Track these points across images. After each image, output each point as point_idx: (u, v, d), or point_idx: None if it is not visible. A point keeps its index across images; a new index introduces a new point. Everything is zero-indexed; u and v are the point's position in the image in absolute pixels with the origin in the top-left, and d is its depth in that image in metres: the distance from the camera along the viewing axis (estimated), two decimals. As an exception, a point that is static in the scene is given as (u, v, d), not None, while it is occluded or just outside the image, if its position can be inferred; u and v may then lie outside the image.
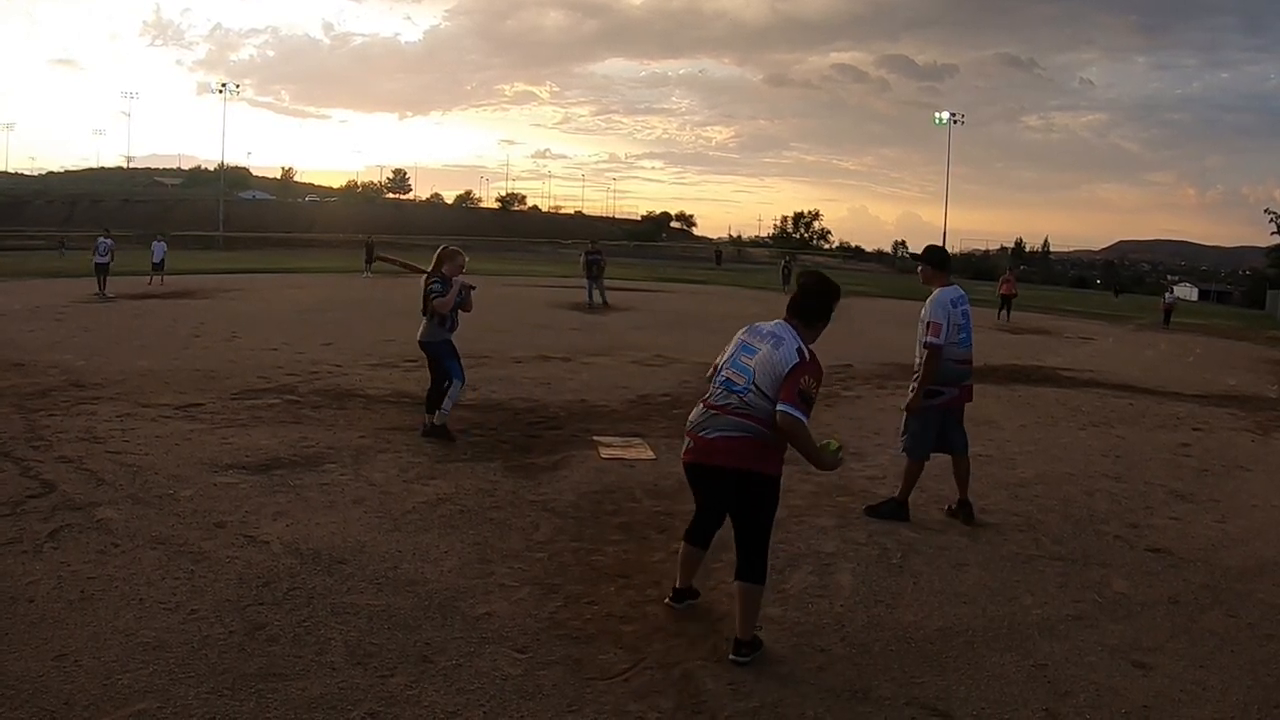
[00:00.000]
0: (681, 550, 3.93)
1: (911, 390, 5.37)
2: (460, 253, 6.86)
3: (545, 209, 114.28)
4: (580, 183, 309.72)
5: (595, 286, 20.31)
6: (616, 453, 6.65)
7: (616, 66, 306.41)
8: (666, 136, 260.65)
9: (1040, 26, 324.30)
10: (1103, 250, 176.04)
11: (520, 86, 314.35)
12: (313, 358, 10.64)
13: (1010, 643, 3.79)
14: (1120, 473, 6.95)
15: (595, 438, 7.08)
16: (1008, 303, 24.66)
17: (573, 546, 4.65)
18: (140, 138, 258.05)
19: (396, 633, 3.55)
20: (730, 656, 3.47)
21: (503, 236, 71.68)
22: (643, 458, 6.56)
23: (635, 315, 18.89)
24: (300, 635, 3.49)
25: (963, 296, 5.41)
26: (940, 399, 5.29)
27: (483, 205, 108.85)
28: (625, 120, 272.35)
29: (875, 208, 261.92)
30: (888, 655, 3.61)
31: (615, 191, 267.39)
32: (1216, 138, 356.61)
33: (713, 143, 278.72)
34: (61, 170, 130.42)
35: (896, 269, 79.25)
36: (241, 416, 7.24)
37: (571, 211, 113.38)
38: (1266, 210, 61.28)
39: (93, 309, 16.24)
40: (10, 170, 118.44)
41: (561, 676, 3.29)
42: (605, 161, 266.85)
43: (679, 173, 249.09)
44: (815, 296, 3.60)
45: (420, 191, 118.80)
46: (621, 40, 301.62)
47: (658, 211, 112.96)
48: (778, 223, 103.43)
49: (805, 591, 4.22)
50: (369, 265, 28.63)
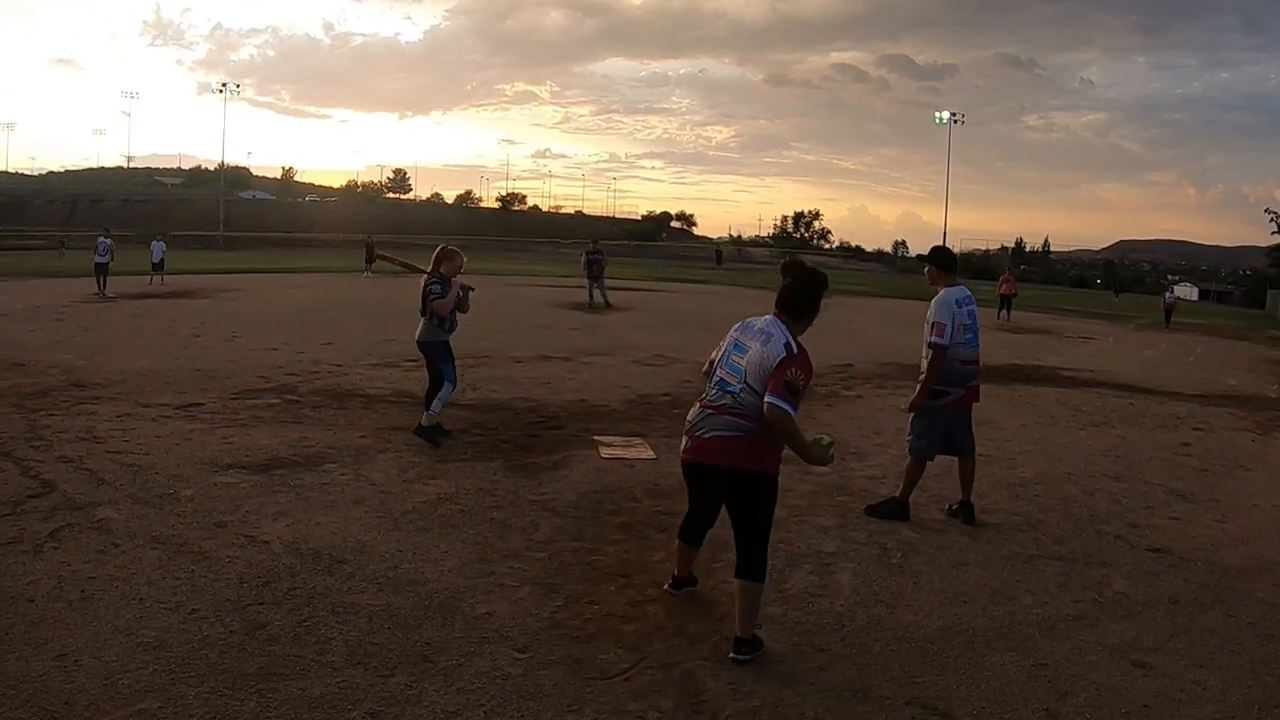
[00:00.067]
0: (676, 546, 4.04)
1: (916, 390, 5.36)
2: (458, 253, 6.79)
3: (545, 209, 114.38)
4: (580, 182, 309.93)
5: (596, 286, 20.29)
6: (617, 452, 6.65)
7: (617, 66, 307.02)
8: (667, 136, 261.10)
9: (1040, 26, 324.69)
10: (1103, 250, 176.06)
11: (520, 86, 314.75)
12: (313, 357, 10.64)
13: (1010, 642, 3.79)
14: (1120, 472, 6.95)
15: (596, 437, 7.08)
16: (1008, 302, 24.67)
17: (573, 546, 4.65)
18: (140, 138, 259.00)
19: (397, 632, 3.56)
20: (730, 655, 3.47)
21: (503, 236, 71.74)
22: (643, 457, 6.56)
23: (635, 315, 18.89)
24: (300, 635, 3.49)
25: (969, 297, 5.40)
26: (947, 399, 5.28)
27: (483, 205, 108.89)
28: (625, 120, 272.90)
29: (875, 207, 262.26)
30: (888, 655, 3.61)
31: (615, 191, 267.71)
32: (1217, 137, 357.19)
33: (713, 142, 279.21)
34: (62, 170, 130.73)
35: (897, 269, 79.30)
36: (242, 416, 7.24)
37: (572, 211, 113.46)
38: (1267, 210, 61.29)
39: (93, 309, 16.24)
40: (10, 170, 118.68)
41: (562, 676, 3.29)
42: (605, 161, 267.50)
43: (679, 172, 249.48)
44: (803, 290, 3.62)
45: (420, 191, 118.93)
46: (622, 40, 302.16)
47: (658, 211, 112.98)
48: (778, 222, 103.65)
49: (805, 591, 4.22)
50: (369, 265, 28.65)
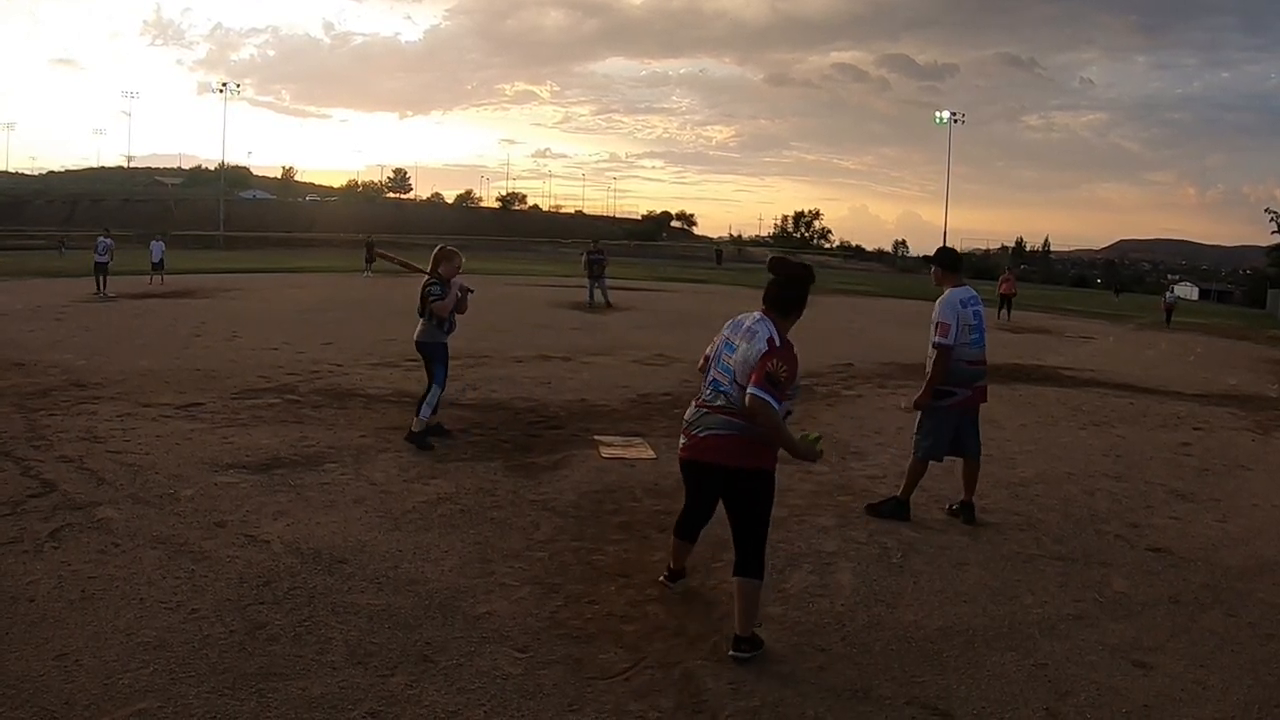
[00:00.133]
0: (671, 543, 4.06)
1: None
2: (457, 254, 6.73)
3: (546, 208, 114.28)
4: (581, 182, 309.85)
5: (597, 286, 20.28)
6: (617, 452, 6.65)
7: (617, 66, 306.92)
8: (667, 136, 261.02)
9: (1040, 26, 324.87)
10: (1103, 249, 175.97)
11: (520, 86, 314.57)
12: (313, 357, 10.64)
13: (1011, 642, 3.79)
14: (1121, 472, 6.95)
15: (596, 437, 7.08)
16: (1008, 302, 24.66)
17: (573, 546, 4.65)
18: (141, 137, 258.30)
19: (397, 632, 3.56)
20: (730, 653, 3.48)
21: (503, 236, 71.73)
22: (643, 457, 6.56)
23: (636, 314, 18.88)
24: (301, 634, 3.49)
25: (974, 297, 5.36)
26: (952, 400, 5.26)
27: (483, 205, 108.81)
28: (625, 120, 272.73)
29: (876, 207, 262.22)
30: (888, 654, 3.61)
31: (615, 191, 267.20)
32: (1217, 137, 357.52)
33: (713, 142, 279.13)
34: (62, 170, 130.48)
35: (897, 268, 79.26)
36: (242, 416, 7.24)
37: (572, 211, 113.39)
38: (1267, 210, 61.25)
39: (93, 308, 16.24)
40: (11, 170, 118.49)
41: (562, 676, 3.29)
42: (605, 161, 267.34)
43: (679, 172, 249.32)
44: (788, 287, 3.60)
45: (421, 191, 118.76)
46: (622, 40, 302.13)
47: (658, 211, 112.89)
48: (778, 222, 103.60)
49: (806, 591, 4.22)
50: (369, 265, 28.65)
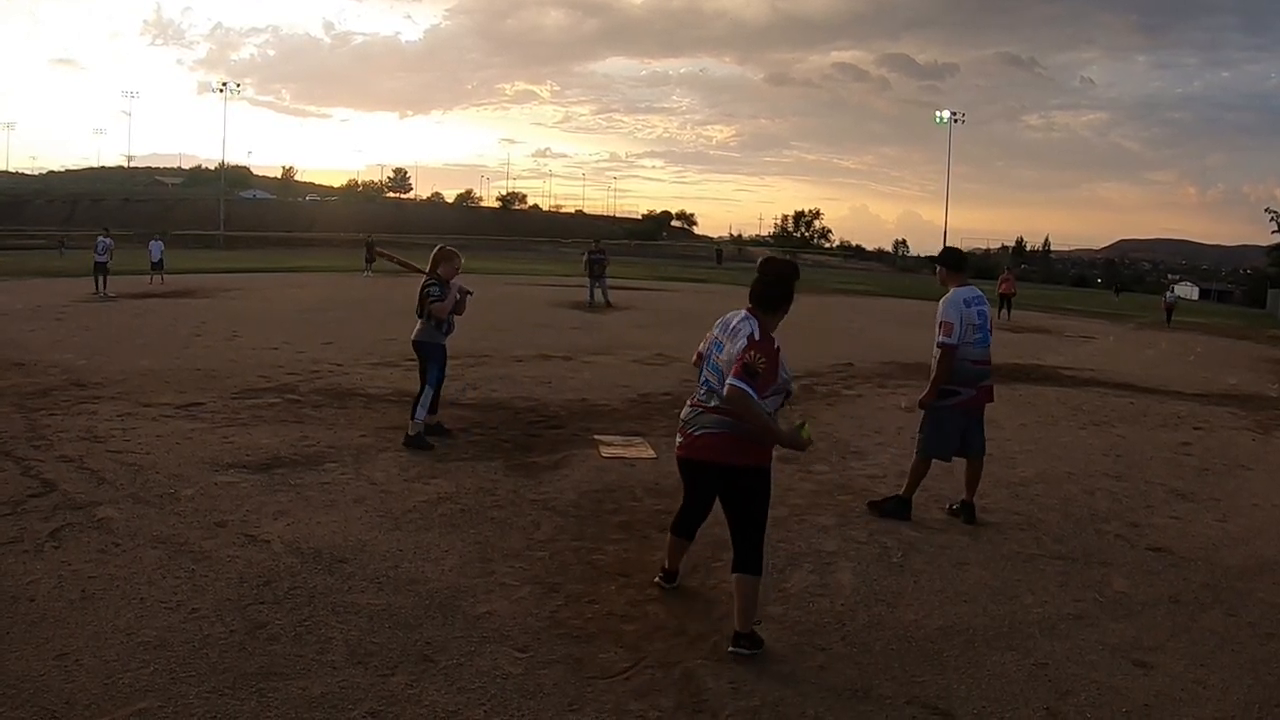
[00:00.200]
0: (669, 540, 4.06)
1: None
2: (457, 254, 6.71)
3: (546, 208, 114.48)
4: (581, 181, 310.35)
5: (598, 286, 20.29)
6: (617, 451, 6.65)
7: (617, 65, 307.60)
8: (667, 135, 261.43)
9: (1041, 26, 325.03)
10: (1103, 249, 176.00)
11: (521, 85, 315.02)
12: (313, 357, 10.64)
13: (1011, 642, 3.79)
14: (1121, 472, 6.95)
15: (596, 436, 7.08)
16: (1007, 301, 24.68)
17: (574, 545, 4.65)
18: (141, 137, 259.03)
19: (397, 632, 3.56)
20: (729, 649, 3.49)
21: (503, 235, 71.75)
22: (643, 456, 6.55)
23: (636, 314, 18.88)
24: (301, 634, 3.49)
25: (979, 297, 5.35)
26: (956, 399, 5.25)
27: (483, 204, 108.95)
28: (626, 119, 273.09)
29: (876, 206, 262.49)
30: (888, 654, 3.61)
31: (616, 190, 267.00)
32: (1217, 136, 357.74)
33: (713, 142, 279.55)
34: (62, 169, 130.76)
35: (897, 268, 79.27)
36: (242, 416, 7.24)
37: (572, 210, 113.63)
38: (1267, 209, 61.23)
39: (93, 308, 16.25)
40: (11, 169, 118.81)
41: (562, 675, 3.29)
42: (606, 160, 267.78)
43: (679, 172, 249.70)
44: (773, 286, 3.64)
45: (421, 191, 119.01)
46: (622, 39, 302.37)
47: (658, 210, 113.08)
48: (778, 222, 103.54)
49: (806, 590, 4.22)
50: (369, 264, 28.65)
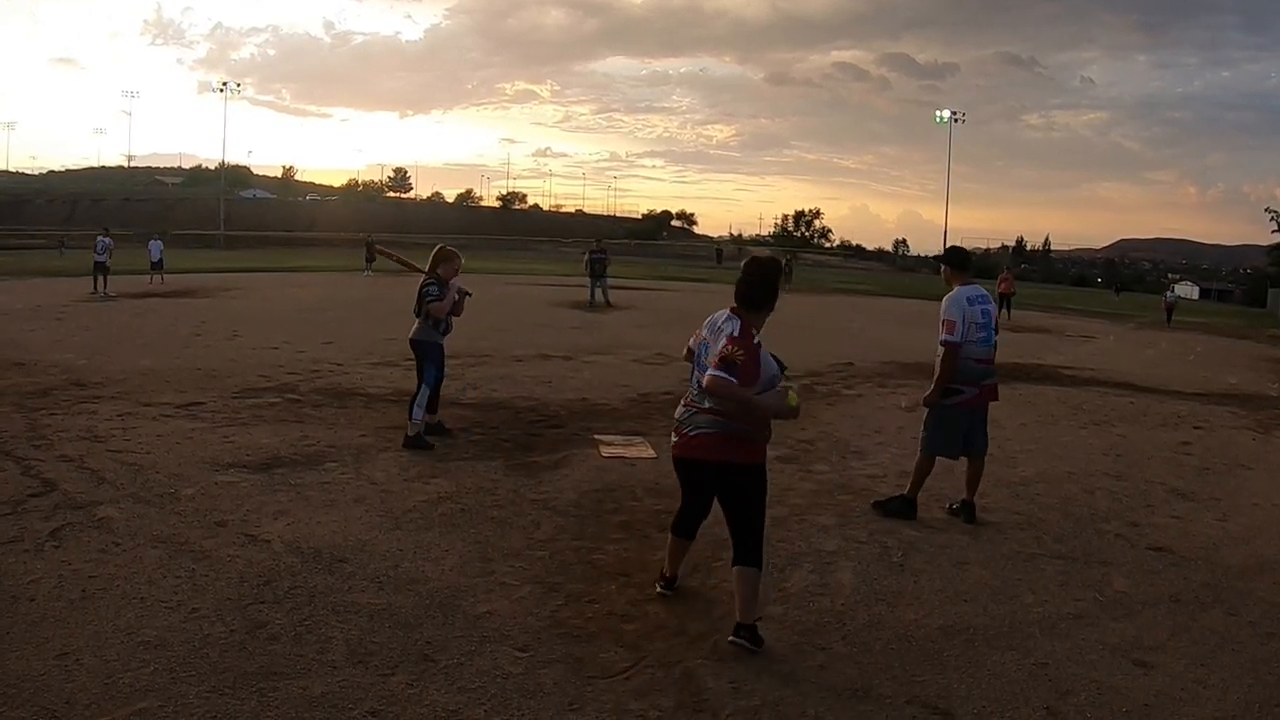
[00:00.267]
0: (669, 541, 4.04)
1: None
2: (457, 254, 6.69)
3: (546, 207, 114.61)
4: (581, 181, 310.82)
5: (598, 285, 20.29)
6: (618, 451, 6.65)
7: (617, 65, 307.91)
8: (667, 135, 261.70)
9: (1041, 25, 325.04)
10: (1104, 249, 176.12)
11: (521, 85, 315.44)
12: (314, 356, 10.64)
13: (1011, 641, 3.78)
14: (1121, 471, 6.94)
15: (596, 436, 7.08)
16: (1006, 301, 24.68)
17: (574, 545, 4.65)
18: (141, 137, 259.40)
19: (397, 631, 3.56)
20: (730, 638, 3.50)
21: (503, 235, 71.75)
22: (644, 456, 6.55)
23: (636, 314, 18.88)
24: (301, 634, 3.49)
25: (983, 295, 5.32)
26: (960, 398, 5.25)
27: (483, 204, 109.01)
28: (626, 119, 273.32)
29: (876, 206, 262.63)
30: (889, 653, 3.61)
31: (616, 190, 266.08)
32: (1217, 136, 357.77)
33: (713, 141, 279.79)
34: (62, 169, 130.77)
35: (897, 268, 79.27)
36: (243, 415, 7.24)
37: (572, 210, 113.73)
38: (1267, 209, 61.13)
39: (93, 308, 16.25)
40: (11, 169, 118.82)
41: (562, 675, 3.29)
42: (606, 160, 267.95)
43: (680, 171, 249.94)
44: (755, 286, 3.66)
45: (421, 190, 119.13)
46: (622, 39, 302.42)
47: (658, 210, 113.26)
48: (778, 221, 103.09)
49: (806, 590, 4.22)
50: (370, 264, 28.65)
